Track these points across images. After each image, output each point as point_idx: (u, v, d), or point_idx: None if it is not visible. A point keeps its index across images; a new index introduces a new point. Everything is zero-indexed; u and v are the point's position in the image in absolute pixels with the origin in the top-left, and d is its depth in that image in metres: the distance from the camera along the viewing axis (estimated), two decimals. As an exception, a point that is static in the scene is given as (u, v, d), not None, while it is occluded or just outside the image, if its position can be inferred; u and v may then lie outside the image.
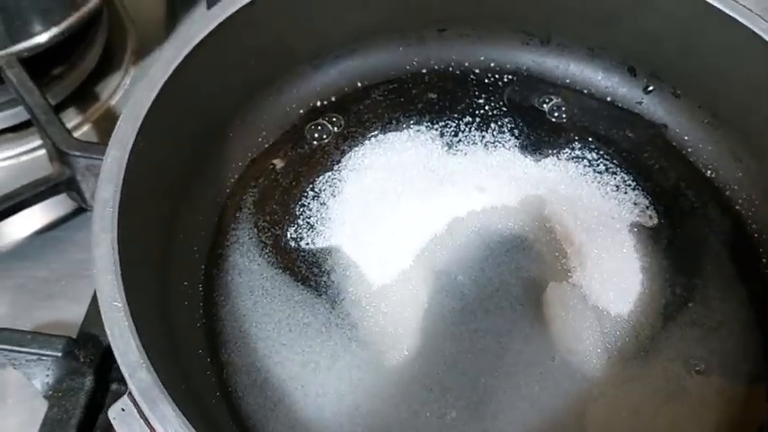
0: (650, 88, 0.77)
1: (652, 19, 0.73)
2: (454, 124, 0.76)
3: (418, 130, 0.75)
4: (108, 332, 0.47)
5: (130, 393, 0.46)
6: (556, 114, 0.77)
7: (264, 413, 0.59)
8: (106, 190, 0.53)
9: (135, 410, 0.46)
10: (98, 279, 0.49)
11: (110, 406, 0.57)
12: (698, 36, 0.71)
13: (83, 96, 0.90)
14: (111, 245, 0.50)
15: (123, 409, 0.46)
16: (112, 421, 0.46)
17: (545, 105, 0.78)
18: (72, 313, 0.71)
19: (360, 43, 0.78)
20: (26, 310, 0.73)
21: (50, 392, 0.64)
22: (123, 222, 0.53)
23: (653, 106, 0.77)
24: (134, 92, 0.60)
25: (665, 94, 0.77)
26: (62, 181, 0.74)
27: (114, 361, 0.62)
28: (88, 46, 0.89)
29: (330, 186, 0.72)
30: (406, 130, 0.75)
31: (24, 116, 0.84)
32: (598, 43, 0.78)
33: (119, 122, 0.58)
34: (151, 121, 0.58)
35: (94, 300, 0.70)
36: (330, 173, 0.72)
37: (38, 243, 0.79)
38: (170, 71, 0.61)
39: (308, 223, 0.69)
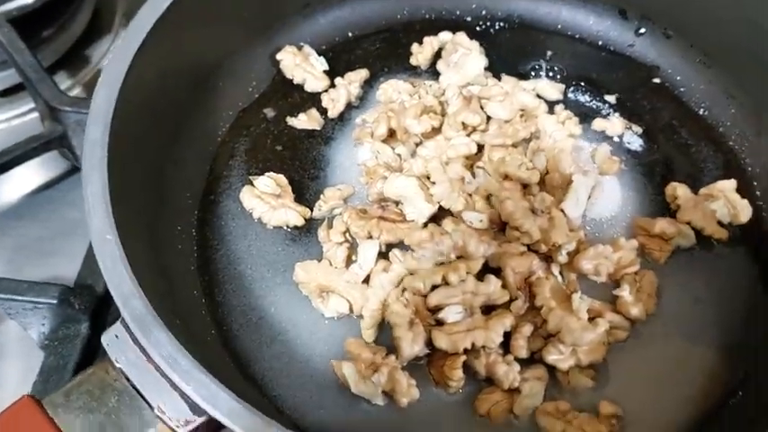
0: (642, 30, 0.77)
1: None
2: (445, 72, 0.75)
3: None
4: (101, 264, 0.48)
5: (123, 320, 0.46)
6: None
7: (259, 350, 0.59)
8: (95, 131, 0.53)
9: (128, 337, 0.46)
10: (90, 214, 0.49)
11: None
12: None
13: (73, 60, 0.90)
14: (101, 180, 0.51)
15: (117, 336, 0.46)
16: (106, 347, 0.46)
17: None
18: (66, 270, 0.71)
19: (349, -6, 0.78)
20: (21, 268, 0.73)
21: (46, 342, 0.64)
22: (113, 163, 0.52)
23: (645, 48, 0.77)
24: (123, 35, 0.59)
25: (656, 35, 0.77)
26: (54, 138, 0.74)
27: (109, 307, 0.64)
28: (77, 8, 0.89)
29: (321, 134, 0.72)
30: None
31: (15, 79, 0.84)
32: (588, -15, 0.78)
33: (107, 63, 0.57)
34: (140, 64, 0.58)
35: (89, 254, 0.70)
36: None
37: (32, 203, 0.79)
38: (159, 14, 0.61)
39: (301, 168, 0.69)
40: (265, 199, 0.65)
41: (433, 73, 0.76)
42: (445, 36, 0.76)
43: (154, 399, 0.45)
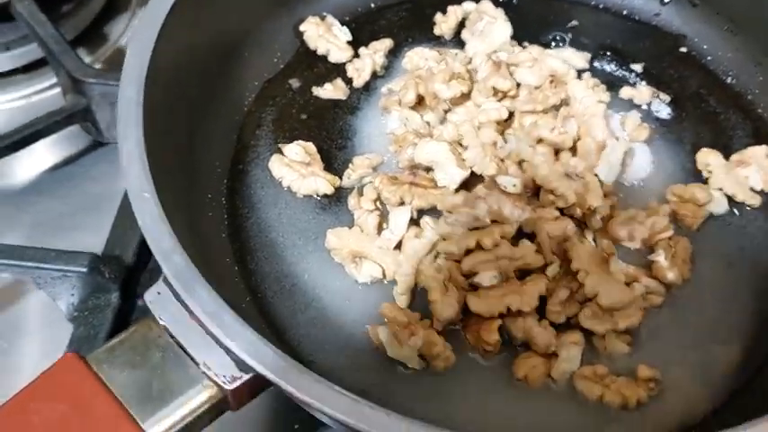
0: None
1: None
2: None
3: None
4: (140, 222, 0.47)
5: (165, 278, 0.45)
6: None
7: (294, 317, 0.58)
8: (129, 89, 0.53)
9: (171, 293, 0.45)
10: (127, 171, 0.49)
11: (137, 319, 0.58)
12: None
13: (92, 37, 0.89)
14: (137, 137, 0.50)
15: (159, 293, 0.46)
16: (148, 304, 0.46)
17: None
18: (89, 244, 0.70)
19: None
20: (43, 243, 0.72)
21: (75, 313, 0.63)
22: (147, 122, 0.52)
23: (670, 17, 0.77)
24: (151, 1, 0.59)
25: (682, 3, 0.76)
26: (77, 111, 0.73)
27: (139, 277, 0.63)
28: (96, -16, 0.88)
29: (347, 104, 0.71)
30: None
31: (34, 55, 0.84)
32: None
33: (135, 28, 0.57)
34: (168, 30, 0.58)
35: (114, 225, 0.70)
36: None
37: (53, 178, 0.79)
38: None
39: (328, 138, 0.68)
40: (294, 167, 0.64)
41: (458, 42, 0.75)
42: (469, 5, 0.76)
43: (199, 355, 0.45)
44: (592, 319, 0.57)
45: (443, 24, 0.75)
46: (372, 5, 0.78)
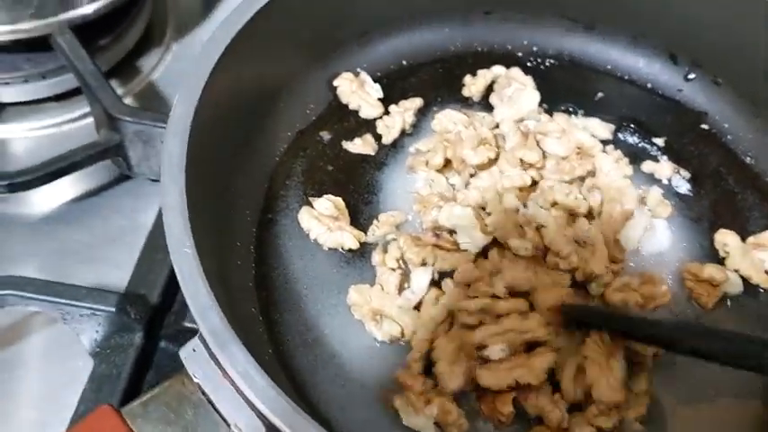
0: (691, 76, 0.79)
1: (695, 6, 0.74)
2: (496, 105, 0.77)
3: (461, 110, 0.76)
4: (179, 276, 0.48)
5: (201, 335, 0.47)
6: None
7: (315, 372, 0.59)
8: (173, 143, 0.54)
9: (205, 351, 0.46)
10: (170, 227, 0.50)
11: (160, 363, 0.59)
12: (740, 24, 0.73)
13: (125, 70, 0.91)
14: (180, 194, 0.51)
15: (194, 350, 0.47)
16: (183, 361, 0.47)
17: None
18: (114, 278, 0.72)
19: (407, 23, 0.80)
20: (67, 274, 0.73)
21: (98, 349, 0.64)
22: (189, 176, 0.53)
23: (693, 94, 0.79)
24: (200, 54, 0.60)
25: (705, 81, 0.78)
26: (111, 146, 0.75)
27: (163, 319, 0.64)
28: (132, 20, 0.91)
29: (375, 159, 0.73)
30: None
31: (67, 85, 0.85)
32: (641, 30, 0.79)
33: (185, 80, 0.58)
34: (212, 82, 0.59)
35: (139, 262, 0.71)
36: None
37: (80, 208, 0.80)
38: (232, 35, 0.62)
39: (355, 192, 0.70)
40: (323, 221, 0.65)
41: (485, 105, 0.77)
42: (499, 70, 0.78)
43: (231, 416, 0.46)
44: (599, 416, 0.57)
45: (472, 86, 0.77)
46: (404, 63, 0.80)
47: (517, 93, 0.74)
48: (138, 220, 0.78)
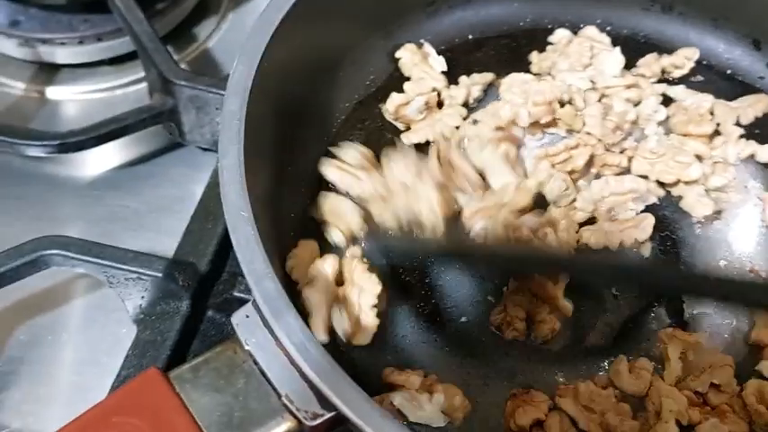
0: (774, 65, 0.74)
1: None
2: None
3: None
4: (233, 240, 0.46)
5: (255, 302, 0.44)
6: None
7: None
8: (233, 103, 0.52)
9: (259, 318, 0.44)
10: (226, 189, 0.48)
11: (206, 332, 0.57)
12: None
13: (181, 36, 0.90)
14: (238, 155, 0.49)
15: (247, 316, 0.44)
16: (235, 327, 0.44)
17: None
18: (162, 246, 0.70)
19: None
20: (114, 239, 0.71)
21: (141, 316, 0.62)
22: (248, 138, 0.51)
23: (775, 82, 0.74)
24: (260, 15, 0.58)
25: (790, 70, 0.74)
26: (165, 110, 0.73)
27: (211, 288, 0.62)
28: (190, -16, 0.89)
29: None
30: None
31: (123, 48, 0.84)
32: (723, 13, 0.75)
33: (244, 43, 0.56)
34: (274, 45, 0.57)
35: (188, 230, 0.69)
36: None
37: (131, 174, 0.78)
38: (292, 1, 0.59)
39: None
40: (349, 171, 0.63)
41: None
42: (563, 32, 0.75)
43: (282, 386, 0.43)
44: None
45: (543, 63, 0.73)
46: (470, 37, 0.77)
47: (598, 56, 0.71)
48: (188, 188, 0.76)
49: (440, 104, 0.71)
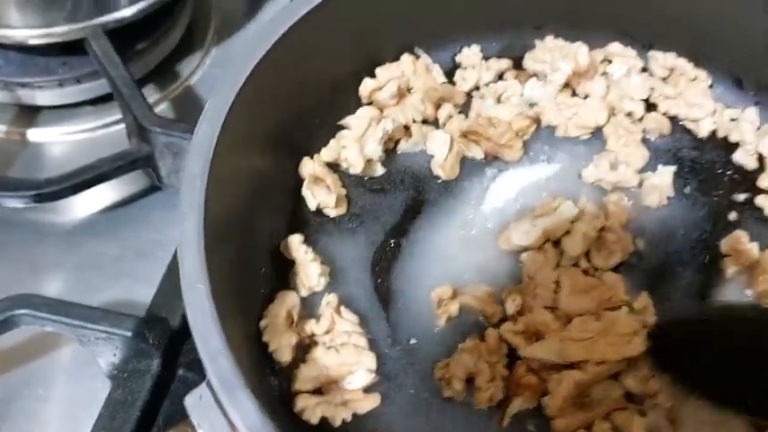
0: (757, 101, 0.73)
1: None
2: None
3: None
4: (189, 315, 0.45)
5: (209, 382, 0.44)
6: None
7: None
8: (195, 166, 0.51)
9: (212, 399, 0.43)
10: (183, 258, 0.47)
11: (177, 391, 0.57)
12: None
13: (163, 74, 0.89)
14: (197, 223, 0.48)
15: (201, 397, 0.44)
16: (189, 409, 0.44)
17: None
18: (140, 294, 0.69)
19: (451, 38, 0.76)
20: (93, 287, 0.72)
21: (115, 372, 0.62)
22: (210, 200, 0.50)
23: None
24: (224, 73, 0.57)
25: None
26: (141, 157, 0.72)
27: (182, 345, 0.62)
28: (173, 23, 0.88)
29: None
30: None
31: (103, 90, 0.83)
32: (703, 52, 0.74)
33: (210, 98, 0.55)
34: (240, 102, 0.56)
35: (164, 281, 0.69)
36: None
37: (109, 219, 0.78)
38: (263, 53, 0.59)
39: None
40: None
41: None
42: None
43: (236, 472, 0.42)
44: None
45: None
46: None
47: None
48: (167, 233, 0.76)
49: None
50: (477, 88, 0.74)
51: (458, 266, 0.63)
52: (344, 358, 0.55)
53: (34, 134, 0.83)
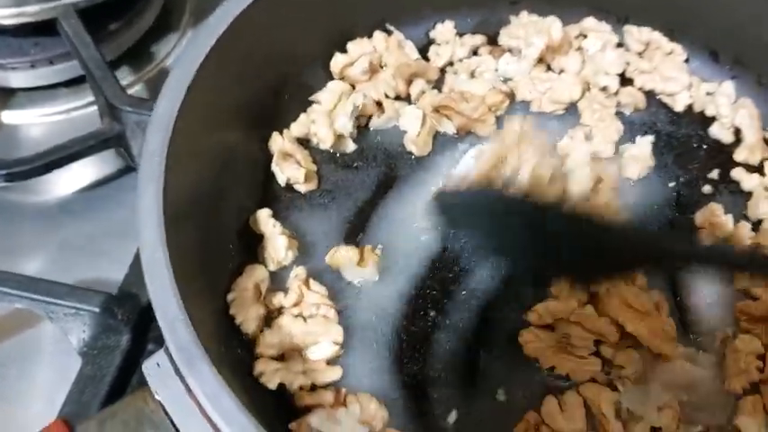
0: (734, 76, 0.73)
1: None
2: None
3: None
4: (148, 284, 0.45)
5: (167, 348, 0.43)
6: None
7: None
8: (154, 141, 0.51)
9: (171, 367, 0.43)
10: (141, 228, 0.47)
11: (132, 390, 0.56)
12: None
13: (138, 55, 0.88)
14: (155, 195, 0.48)
15: (158, 365, 0.43)
16: (146, 376, 0.43)
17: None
18: (114, 272, 0.69)
19: (425, 13, 0.76)
20: (69, 266, 0.72)
21: (85, 349, 0.61)
22: (170, 174, 0.50)
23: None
24: (187, 45, 0.57)
25: (749, 83, 0.72)
26: (112, 136, 0.72)
27: (152, 320, 0.61)
28: (146, 3, 0.88)
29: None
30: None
31: (77, 71, 0.83)
32: (679, 26, 0.74)
33: (170, 74, 0.55)
34: (203, 77, 0.56)
35: (136, 259, 0.68)
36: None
37: (85, 200, 0.77)
38: (226, 24, 0.58)
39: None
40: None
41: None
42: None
43: (194, 438, 0.42)
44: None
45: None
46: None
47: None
48: (142, 212, 0.75)
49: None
50: (450, 64, 0.74)
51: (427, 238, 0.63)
52: (311, 328, 0.55)
53: (9, 116, 0.83)
